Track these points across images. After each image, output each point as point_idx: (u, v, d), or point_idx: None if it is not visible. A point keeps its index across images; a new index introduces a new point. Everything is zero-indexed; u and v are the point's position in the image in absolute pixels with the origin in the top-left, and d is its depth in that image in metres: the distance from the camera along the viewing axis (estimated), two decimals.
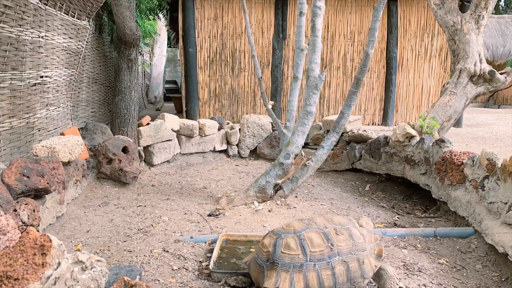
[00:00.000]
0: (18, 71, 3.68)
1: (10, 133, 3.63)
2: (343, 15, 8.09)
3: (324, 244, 2.02)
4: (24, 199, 2.60)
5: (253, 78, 8.07)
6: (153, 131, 5.22)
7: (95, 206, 3.69)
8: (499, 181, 2.83)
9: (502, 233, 2.53)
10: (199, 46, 7.84)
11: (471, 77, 4.93)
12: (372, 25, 3.45)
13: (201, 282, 2.27)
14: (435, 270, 2.48)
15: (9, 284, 1.40)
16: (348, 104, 3.69)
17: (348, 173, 5.18)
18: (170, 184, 4.58)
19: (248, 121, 6.03)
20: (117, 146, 4.32)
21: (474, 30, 5.02)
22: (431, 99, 8.50)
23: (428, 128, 4.17)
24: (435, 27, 8.23)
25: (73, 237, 2.96)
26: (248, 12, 7.66)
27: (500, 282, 2.36)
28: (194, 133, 5.68)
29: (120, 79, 5.11)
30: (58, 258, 1.57)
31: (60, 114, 4.90)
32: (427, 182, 3.85)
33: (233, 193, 4.04)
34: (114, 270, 1.97)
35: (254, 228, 3.21)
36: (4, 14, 3.32)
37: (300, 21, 3.83)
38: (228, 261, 2.54)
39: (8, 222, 1.64)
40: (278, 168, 3.77)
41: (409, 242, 2.90)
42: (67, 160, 3.42)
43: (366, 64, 3.51)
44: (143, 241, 2.85)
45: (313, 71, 3.73)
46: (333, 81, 8.28)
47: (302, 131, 3.79)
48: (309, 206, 3.81)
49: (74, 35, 5.08)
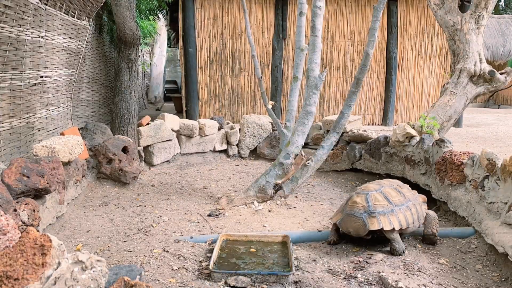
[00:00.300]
0: (18, 71, 3.68)
1: (10, 133, 3.63)
2: (343, 15, 8.09)
3: (398, 195, 2.79)
4: (24, 199, 2.60)
5: (253, 78, 8.07)
6: (153, 131, 5.22)
7: (95, 206, 3.69)
8: (499, 181, 2.83)
9: (502, 233, 2.53)
10: (199, 46, 7.84)
11: (471, 77, 4.93)
12: (372, 25, 3.45)
13: (201, 282, 2.27)
14: (435, 270, 2.48)
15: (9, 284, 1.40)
16: (348, 104, 3.69)
17: (348, 173, 5.18)
18: (170, 184, 4.58)
19: (248, 121, 6.03)
20: (117, 146, 4.32)
21: (474, 30, 5.02)
22: (431, 99, 8.50)
23: (428, 128, 4.17)
24: (435, 27, 8.23)
25: (73, 237, 2.96)
26: (248, 12, 7.66)
27: (500, 282, 2.36)
28: (194, 133, 5.68)
29: (120, 79, 5.11)
30: (58, 258, 1.57)
31: (60, 114, 4.90)
32: (427, 182, 3.85)
33: (233, 193, 4.04)
34: (114, 270, 1.97)
35: (254, 228, 3.21)
36: (4, 14, 3.32)
37: (300, 21, 3.82)
38: (228, 261, 2.54)
39: (8, 222, 1.64)
40: (278, 168, 3.77)
41: (409, 242, 2.90)
42: (67, 160, 3.42)
43: (366, 64, 3.51)
44: (143, 241, 2.85)
45: (313, 71, 3.73)
46: (333, 81, 8.28)
47: (302, 131, 3.78)
48: (309, 206, 3.81)
49: (74, 35, 5.08)
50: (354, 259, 2.61)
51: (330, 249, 2.80)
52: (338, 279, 2.36)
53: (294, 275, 2.36)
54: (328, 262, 2.59)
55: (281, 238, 2.83)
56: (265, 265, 2.49)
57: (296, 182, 3.81)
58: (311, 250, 2.80)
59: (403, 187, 2.93)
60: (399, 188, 2.88)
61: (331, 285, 2.28)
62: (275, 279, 2.27)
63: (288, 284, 2.26)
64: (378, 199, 2.72)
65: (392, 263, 2.54)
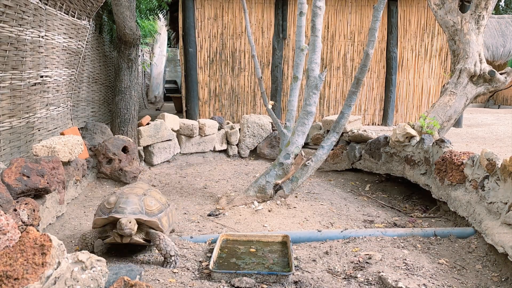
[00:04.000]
0: (18, 71, 3.68)
1: (10, 133, 3.63)
2: (343, 15, 8.08)
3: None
4: (24, 199, 2.60)
5: (253, 78, 8.07)
6: (153, 131, 5.22)
7: (95, 206, 3.69)
8: (499, 181, 2.83)
9: (502, 233, 2.53)
10: (199, 46, 7.83)
11: (471, 77, 4.93)
12: (372, 25, 3.45)
13: (201, 282, 2.27)
14: (435, 270, 2.48)
15: (9, 283, 1.40)
16: (348, 104, 3.69)
17: (348, 173, 5.18)
18: (170, 184, 4.58)
19: (248, 121, 6.03)
20: (117, 146, 4.32)
21: (474, 30, 5.02)
22: (431, 99, 8.50)
23: (428, 128, 4.17)
24: (435, 27, 8.23)
25: (73, 237, 2.96)
26: (248, 12, 7.66)
27: (500, 282, 2.36)
28: (194, 133, 5.68)
29: (120, 78, 5.11)
30: (58, 257, 1.57)
31: (60, 113, 4.90)
32: (427, 182, 3.85)
33: (233, 193, 4.04)
34: (114, 270, 1.97)
35: (254, 228, 3.21)
36: (4, 14, 3.32)
37: (300, 21, 3.82)
38: (228, 261, 2.54)
39: (8, 221, 1.64)
40: (278, 168, 3.77)
41: (409, 242, 2.90)
42: (67, 159, 3.42)
43: (366, 64, 3.51)
44: None
45: (313, 71, 3.73)
46: (333, 81, 8.28)
47: (302, 131, 3.79)
48: (309, 206, 3.81)
49: (74, 34, 5.08)
50: (354, 259, 2.61)
51: (330, 249, 2.80)
52: (338, 279, 2.36)
53: (294, 275, 2.36)
54: (328, 262, 2.59)
55: (281, 238, 2.83)
56: (265, 265, 2.49)
57: (296, 182, 3.81)
58: (311, 250, 2.80)
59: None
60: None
61: (331, 285, 2.28)
62: (275, 279, 2.27)
63: (288, 284, 2.26)
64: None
65: (392, 263, 2.54)
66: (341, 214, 3.61)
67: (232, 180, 4.80)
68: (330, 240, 2.97)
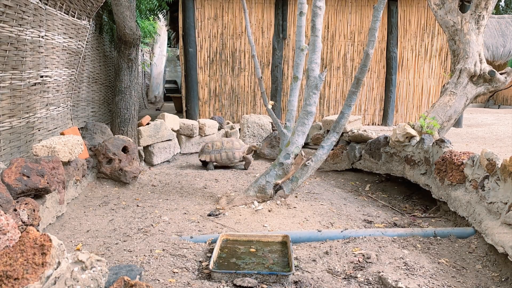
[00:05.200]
0: (18, 71, 3.68)
1: (10, 133, 3.63)
2: (343, 15, 8.09)
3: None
4: (24, 199, 2.60)
5: (253, 78, 8.07)
6: (153, 131, 5.22)
7: (95, 206, 3.69)
8: (499, 181, 2.83)
9: (502, 233, 2.53)
10: (199, 46, 7.84)
11: (471, 77, 4.93)
12: (372, 25, 3.45)
13: (201, 282, 2.27)
14: (435, 270, 2.48)
15: (9, 283, 1.40)
16: (348, 104, 3.69)
17: (348, 173, 5.18)
18: (170, 184, 4.58)
19: (248, 121, 6.03)
20: (117, 146, 4.32)
21: (474, 30, 5.02)
22: (431, 99, 8.51)
23: (428, 128, 4.17)
24: (435, 27, 8.23)
25: (73, 237, 2.96)
26: (248, 12, 7.66)
27: (500, 282, 2.36)
28: (194, 133, 5.68)
29: (120, 78, 5.11)
30: (58, 257, 1.57)
31: (60, 113, 4.90)
32: (427, 182, 3.85)
33: (233, 193, 4.04)
34: (114, 270, 1.97)
35: (254, 228, 3.21)
36: (4, 14, 3.32)
37: (300, 21, 3.82)
38: (228, 261, 2.54)
39: (8, 221, 1.64)
40: (278, 168, 3.77)
41: (409, 242, 2.90)
42: (67, 159, 3.42)
43: (366, 64, 3.51)
44: (143, 241, 2.85)
45: (313, 71, 3.73)
46: (333, 81, 8.28)
47: (302, 131, 3.78)
48: (309, 206, 3.81)
49: (74, 34, 5.08)
50: (354, 259, 2.61)
51: (330, 249, 2.80)
52: (338, 279, 2.36)
53: (294, 275, 2.36)
54: (328, 262, 2.59)
55: (281, 238, 2.83)
56: (265, 265, 2.49)
57: (296, 182, 3.81)
58: (311, 250, 2.80)
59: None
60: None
61: (331, 285, 2.28)
62: (275, 279, 2.27)
63: (288, 284, 2.26)
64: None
65: (392, 263, 2.54)
66: (341, 214, 3.61)
67: (232, 180, 4.81)
68: (330, 240, 2.97)
